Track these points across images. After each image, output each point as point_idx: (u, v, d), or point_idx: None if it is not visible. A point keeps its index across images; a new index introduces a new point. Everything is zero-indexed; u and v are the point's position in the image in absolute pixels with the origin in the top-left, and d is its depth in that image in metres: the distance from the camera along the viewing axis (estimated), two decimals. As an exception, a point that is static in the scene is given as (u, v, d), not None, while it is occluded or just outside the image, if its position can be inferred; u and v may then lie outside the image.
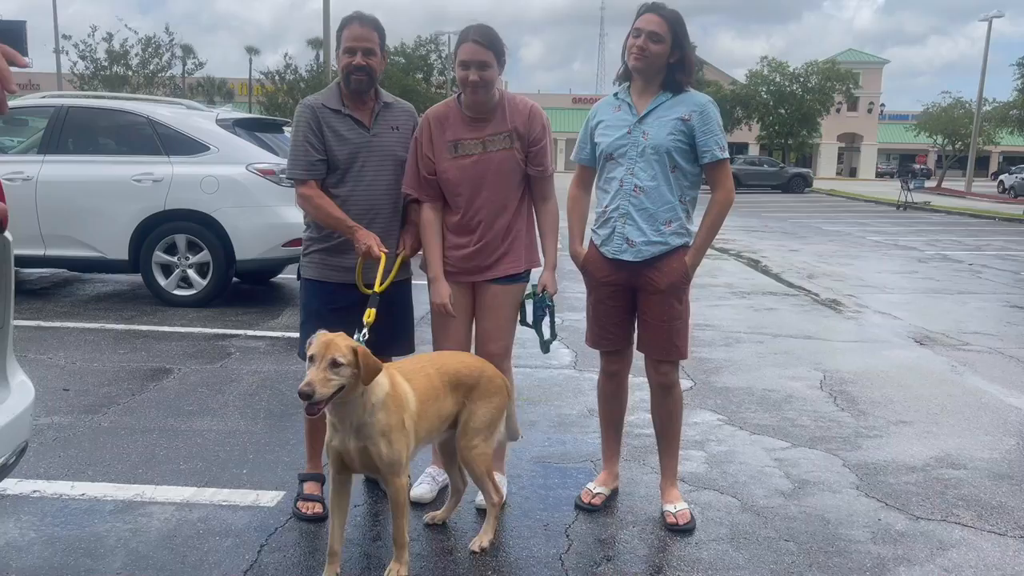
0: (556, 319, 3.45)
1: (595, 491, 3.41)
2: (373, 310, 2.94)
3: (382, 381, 2.63)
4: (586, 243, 3.42)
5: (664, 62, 3.11)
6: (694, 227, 3.25)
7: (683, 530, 3.17)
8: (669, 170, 3.14)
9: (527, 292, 3.37)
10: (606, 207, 3.25)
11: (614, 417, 3.51)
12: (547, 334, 3.38)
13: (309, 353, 2.48)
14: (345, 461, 2.68)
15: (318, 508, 3.21)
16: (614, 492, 3.50)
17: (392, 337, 3.38)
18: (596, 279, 3.34)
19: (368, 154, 3.21)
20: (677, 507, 3.26)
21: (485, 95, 3.13)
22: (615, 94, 3.30)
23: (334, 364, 2.44)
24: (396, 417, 2.64)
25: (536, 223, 3.40)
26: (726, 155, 3.18)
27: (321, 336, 2.51)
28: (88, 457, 3.72)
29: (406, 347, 3.46)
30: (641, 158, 3.13)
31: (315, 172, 3.16)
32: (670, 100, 3.14)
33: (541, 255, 3.40)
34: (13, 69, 1.80)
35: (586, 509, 3.34)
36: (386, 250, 3.09)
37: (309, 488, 3.29)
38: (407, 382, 2.75)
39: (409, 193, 3.26)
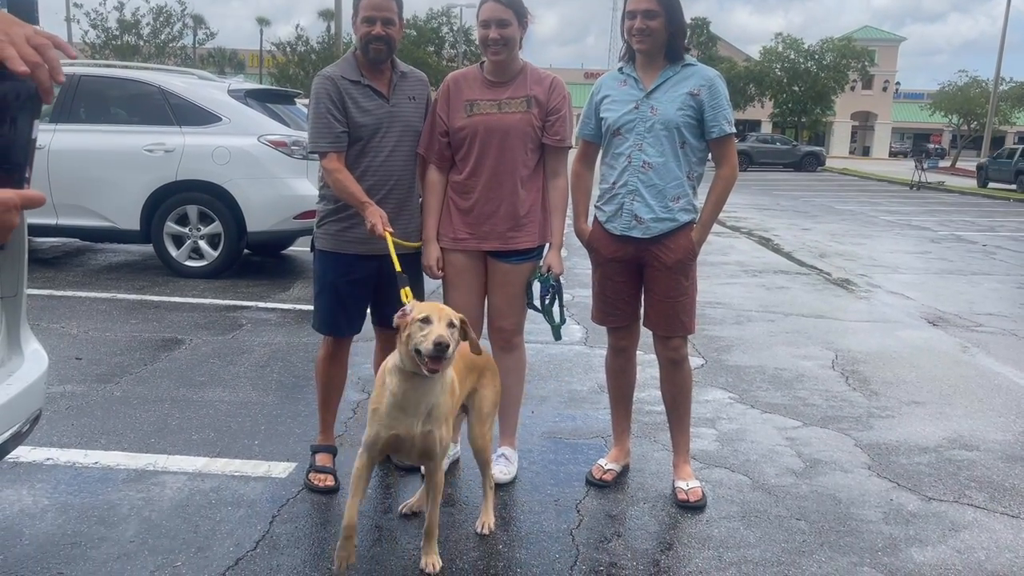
0: (565, 297, 3.42)
1: (606, 467, 3.41)
2: (407, 289, 2.85)
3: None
4: (590, 220, 3.39)
5: (665, 36, 3.07)
6: (700, 203, 3.22)
7: (694, 507, 3.17)
8: (678, 146, 3.10)
9: (532, 275, 3.31)
10: (613, 183, 3.21)
11: (623, 393, 3.50)
12: (557, 318, 3.34)
13: (420, 315, 2.38)
14: (401, 448, 2.57)
15: (330, 480, 3.21)
16: (625, 468, 3.50)
17: (398, 305, 3.38)
18: (602, 256, 3.32)
19: (390, 124, 3.18)
20: (689, 484, 3.26)
21: (507, 55, 3.11)
22: (620, 68, 3.26)
23: (450, 325, 2.41)
24: (452, 400, 2.61)
25: (547, 198, 3.34)
26: (733, 130, 3.16)
27: (424, 302, 2.54)
28: (101, 426, 3.74)
29: None
30: (649, 133, 3.10)
31: (339, 144, 3.13)
32: (677, 74, 3.11)
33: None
34: None
35: (597, 485, 3.34)
36: (391, 229, 3.03)
37: (321, 460, 3.30)
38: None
39: (422, 151, 3.26)
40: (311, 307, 3.41)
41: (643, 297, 3.32)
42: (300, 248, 8.43)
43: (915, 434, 4.08)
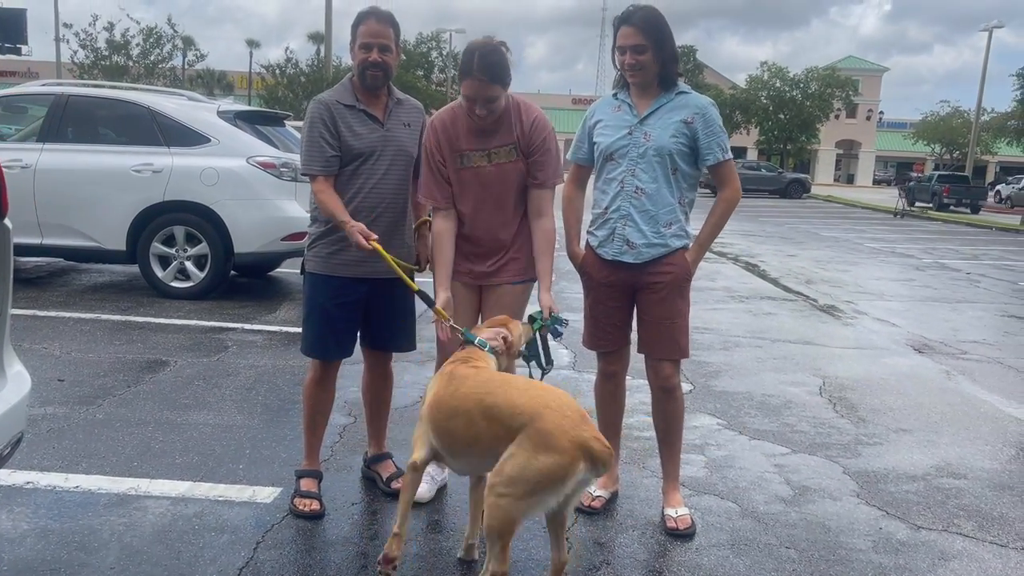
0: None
1: (595, 494, 3.38)
2: (440, 308, 3.01)
3: None
4: (582, 244, 3.39)
5: (656, 67, 3.09)
6: (692, 230, 3.23)
7: (683, 535, 3.14)
8: (670, 172, 3.12)
9: (534, 322, 3.08)
10: (605, 208, 3.21)
11: (612, 419, 3.48)
12: (544, 362, 3.10)
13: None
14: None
15: (315, 505, 3.17)
16: (614, 495, 3.47)
17: (391, 332, 3.38)
18: (594, 280, 3.31)
19: (383, 148, 3.19)
20: (678, 511, 3.23)
21: (494, 117, 3.07)
22: (614, 94, 3.27)
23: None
24: None
25: (533, 240, 3.22)
26: (728, 156, 3.17)
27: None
28: (82, 449, 3.69)
29: (407, 343, 3.46)
30: (642, 159, 3.11)
31: (329, 168, 3.13)
32: (671, 101, 3.12)
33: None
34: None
35: (586, 512, 3.31)
36: (375, 236, 3.01)
37: (306, 485, 3.26)
38: None
39: (428, 202, 3.20)
40: (298, 329, 3.39)
41: (636, 321, 3.31)
42: (287, 270, 8.40)
43: (903, 462, 4.08)
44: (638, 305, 3.27)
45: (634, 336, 3.36)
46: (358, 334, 3.35)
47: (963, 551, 3.14)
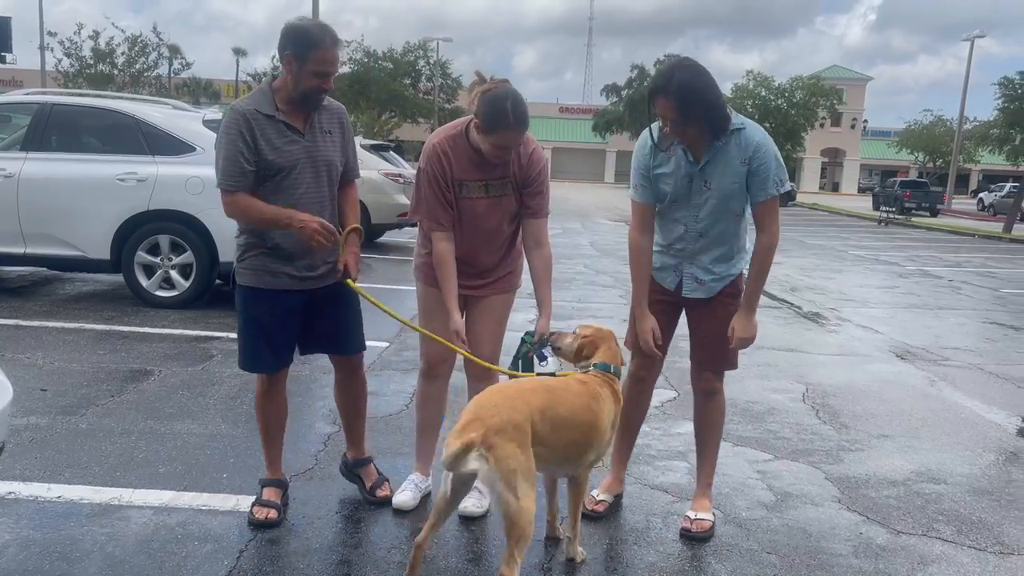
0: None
1: (599, 498, 3.41)
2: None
3: None
4: None
5: (699, 126, 2.95)
6: (749, 244, 3.23)
7: (694, 538, 3.17)
8: (733, 212, 3.13)
9: (524, 343, 3.18)
10: (668, 244, 3.25)
11: (633, 423, 3.50)
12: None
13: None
14: None
15: (273, 514, 3.13)
16: (618, 498, 3.50)
17: (334, 337, 3.29)
18: (649, 298, 3.33)
19: (304, 162, 3.05)
20: (697, 515, 3.26)
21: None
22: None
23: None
24: None
25: (530, 269, 3.29)
26: (783, 190, 3.06)
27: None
28: (65, 459, 3.67)
29: (352, 345, 3.36)
30: (705, 206, 3.10)
31: (246, 183, 2.99)
32: (726, 144, 3.01)
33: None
34: None
35: (588, 516, 3.30)
36: (331, 227, 2.99)
37: (268, 494, 3.22)
38: None
39: (430, 224, 3.17)
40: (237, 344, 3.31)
41: (689, 333, 3.36)
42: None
43: (884, 467, 4.11)
44: (690, 319, 3.33)
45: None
46: (326, 345, 3.31)
47: (942, 555, 3.17)
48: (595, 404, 2.82)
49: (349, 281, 3.15)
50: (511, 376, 3.10)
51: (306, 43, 2.91)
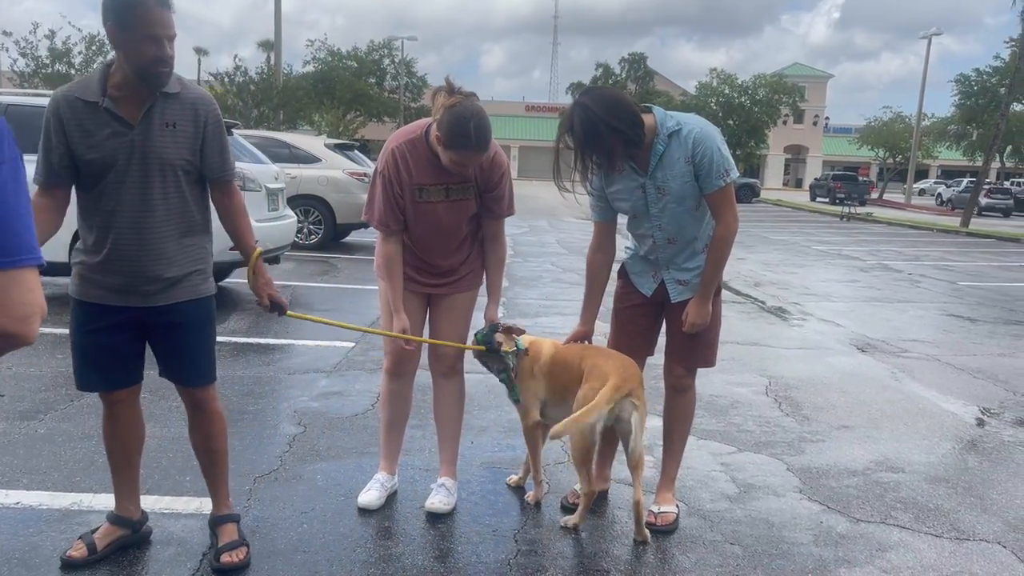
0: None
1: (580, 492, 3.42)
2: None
3: None
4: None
5: (627, 152, 2.97)
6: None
7: (658, 531, 3.21)
8: (693, 209, 3.14)
9: (480, 337, 3.32)
10: (644, 255, 3.30)
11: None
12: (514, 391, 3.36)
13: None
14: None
15: (82, 552, 2.76)
16: (603, 494, 3.52)
17: (172, 364, 2.86)
18: (623, 305, 3.38)
19: (128, 159, 2.55)
20: (662, 508, 3.30)
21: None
22: None
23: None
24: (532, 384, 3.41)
25: (483, 257, 3.36)
26: (730, 179, 3.06)
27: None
28: (23, 465, 3.61)
29: (195, 375, 2.92)
30: (664, 213, 3.13)
31: (53, 180, 2.58)
32: (667, 147, 3.03)
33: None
34: None
35: (571, 510, 3.32)
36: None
37: (104, 530, 2.86)
38: None
39: (380, 228, 3.17)
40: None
41: (666, 332, 3.39)
42: (235, 280, 8.29)
43: (844, 457, 4.19)
44: (668, 318, 3.35)
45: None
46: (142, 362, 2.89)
47: (900, 542, 3.24)
48: None
49: (290, 313, 3.04)
50: (475, 353, 3.35)
51: (125, 5, 2.42)
